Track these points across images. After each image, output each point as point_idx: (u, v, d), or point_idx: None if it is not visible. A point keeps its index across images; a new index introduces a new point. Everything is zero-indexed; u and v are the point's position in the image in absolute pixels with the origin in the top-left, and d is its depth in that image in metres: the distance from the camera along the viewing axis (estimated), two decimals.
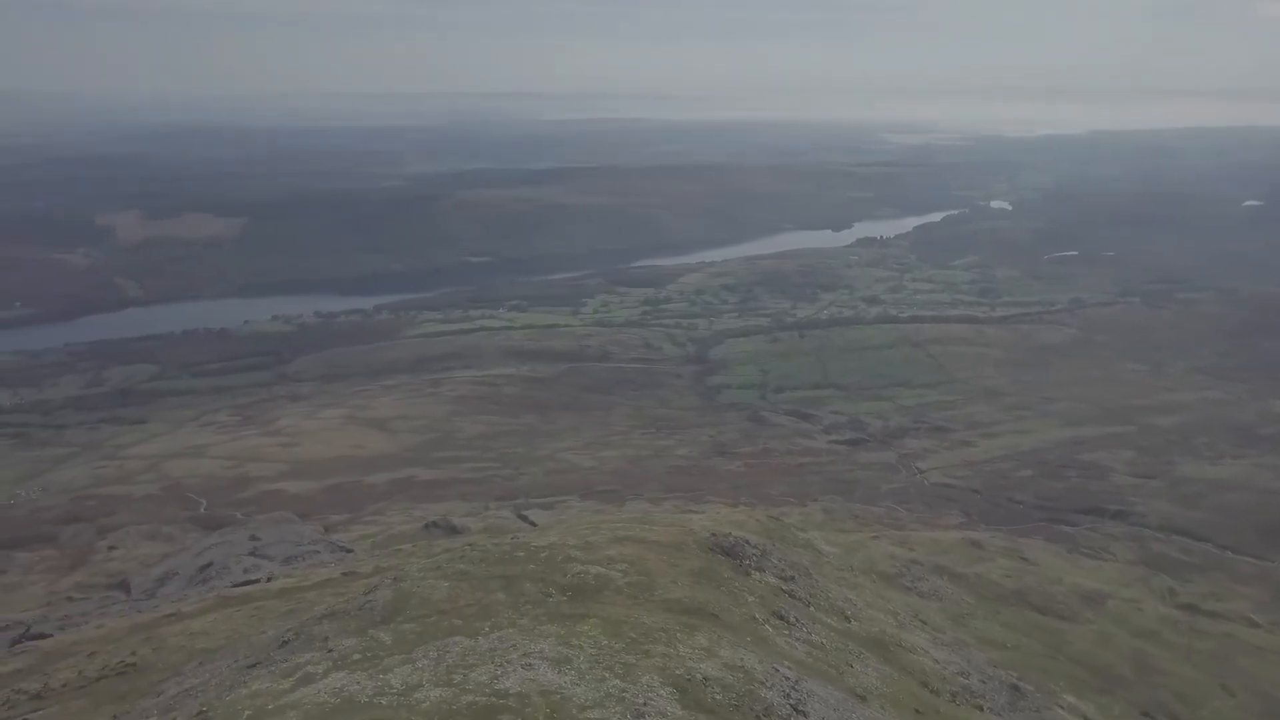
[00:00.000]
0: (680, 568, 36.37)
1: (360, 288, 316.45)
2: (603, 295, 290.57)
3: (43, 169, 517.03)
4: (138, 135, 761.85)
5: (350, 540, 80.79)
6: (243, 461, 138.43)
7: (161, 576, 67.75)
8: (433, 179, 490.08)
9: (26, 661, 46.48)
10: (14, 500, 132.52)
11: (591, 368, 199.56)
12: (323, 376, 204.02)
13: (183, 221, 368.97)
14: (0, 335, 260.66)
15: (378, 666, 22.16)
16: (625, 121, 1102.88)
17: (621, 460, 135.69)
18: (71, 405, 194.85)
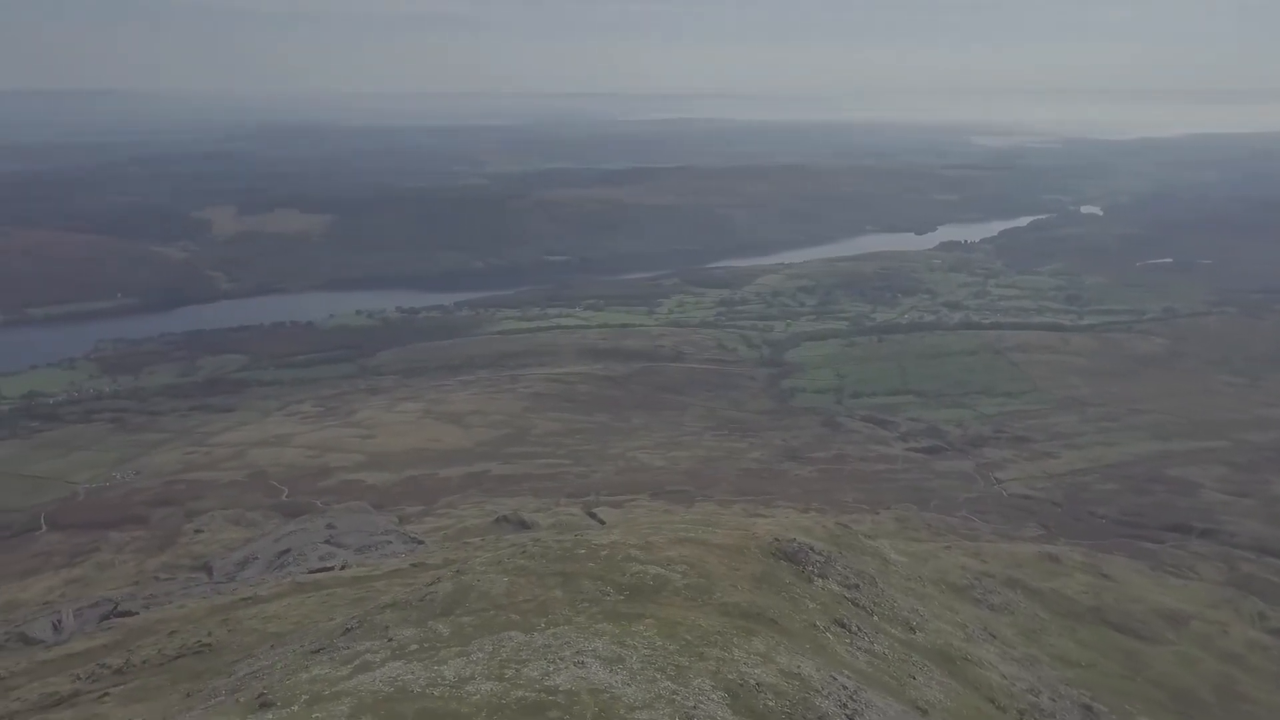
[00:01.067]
0: (740, 571, 36.17)
1: (441, 284, 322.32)
2: (678, 295, 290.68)
3: (146, 165, 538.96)
4: (235, 134, 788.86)
5: (422, 532, 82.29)
6: (323, 451, 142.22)
7: (242, 560, 69.97)
8: (513, 178, 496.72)
9: (113, 637, 48.57)
10: (110, 482, 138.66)
11: (665, 368, 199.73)
12: (403, 371, 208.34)
13: (273, 217, 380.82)
14: (103, 324, 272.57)
15: (434, 658, 22.57)
16: (706, 122, 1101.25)
17: (692, 461, 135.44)
18: (166, 393, 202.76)
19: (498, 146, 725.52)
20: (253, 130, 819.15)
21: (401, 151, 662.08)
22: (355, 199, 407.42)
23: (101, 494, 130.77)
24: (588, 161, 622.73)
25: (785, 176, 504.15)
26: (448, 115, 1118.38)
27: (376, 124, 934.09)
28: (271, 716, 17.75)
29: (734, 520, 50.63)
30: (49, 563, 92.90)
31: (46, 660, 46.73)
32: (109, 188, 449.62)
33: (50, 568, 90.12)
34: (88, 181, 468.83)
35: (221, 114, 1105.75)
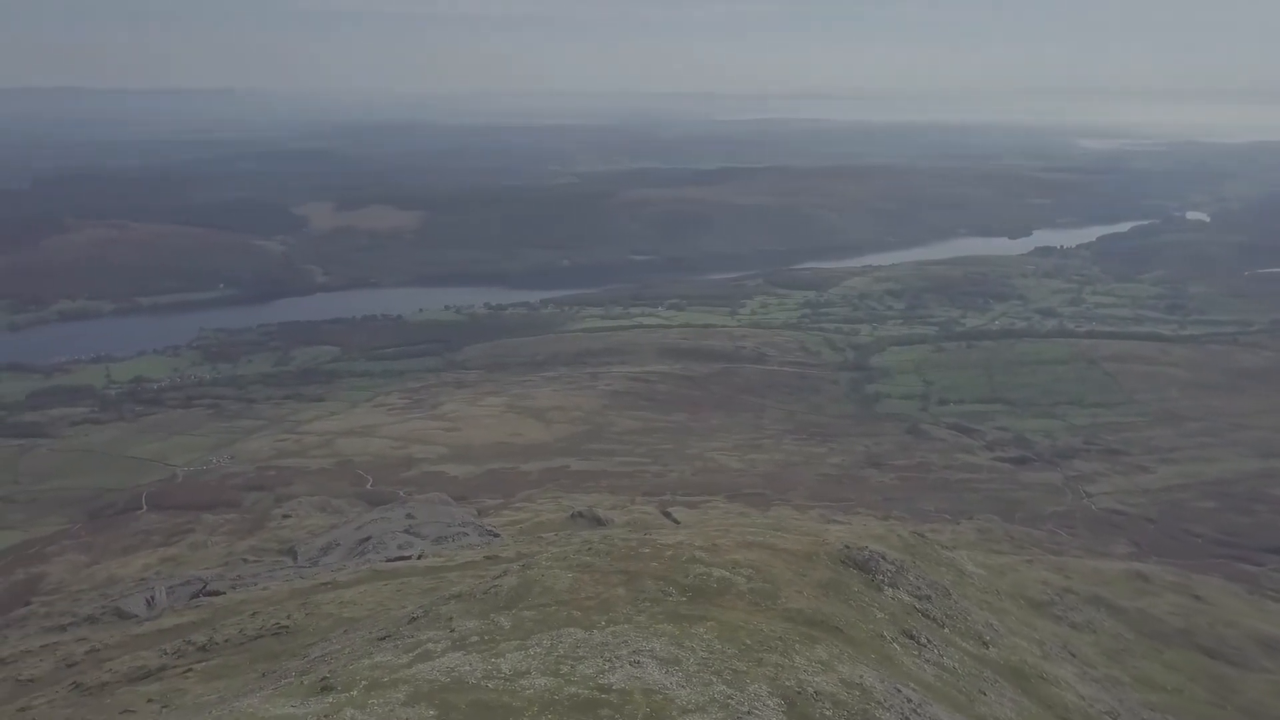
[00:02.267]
0: (807, 577, 35.78)
1: (528, 282, 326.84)
2: (762, 296, 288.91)
3: (252, 162, 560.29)
4: (334, 131, 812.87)
5: (499, 525, 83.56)
6: (408, 442, 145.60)
7: (325, 546, 72.02)
8: (602, 177, 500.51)
9: (200, 615, 50.61)
10: (207, 466, 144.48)
11: (746, 369, 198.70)
12: (487, 365, 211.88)
13: (368, 213, 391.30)
14: (206, 314, 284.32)
15: (492, 650, 22.92)
16: (800, 122, 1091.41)
17: (771, 464, 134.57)
18: (261, 381, 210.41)
19: (589, 146, 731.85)
20: (354, 128, 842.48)
21: (494, 150, 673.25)
22: (447, 196, 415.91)
23: (198, 477, 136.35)
24: (678, 161, 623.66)
25: (877, 177, 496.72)
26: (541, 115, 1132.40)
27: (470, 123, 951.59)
28: (330, 700, 18.28)
29: (806, 526, 50.11)
30: (148, 541, 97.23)
31: (139, 634, 48.96)
32: (218, 183, 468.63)
33: (148, 546, 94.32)
34: (199, 177, 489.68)
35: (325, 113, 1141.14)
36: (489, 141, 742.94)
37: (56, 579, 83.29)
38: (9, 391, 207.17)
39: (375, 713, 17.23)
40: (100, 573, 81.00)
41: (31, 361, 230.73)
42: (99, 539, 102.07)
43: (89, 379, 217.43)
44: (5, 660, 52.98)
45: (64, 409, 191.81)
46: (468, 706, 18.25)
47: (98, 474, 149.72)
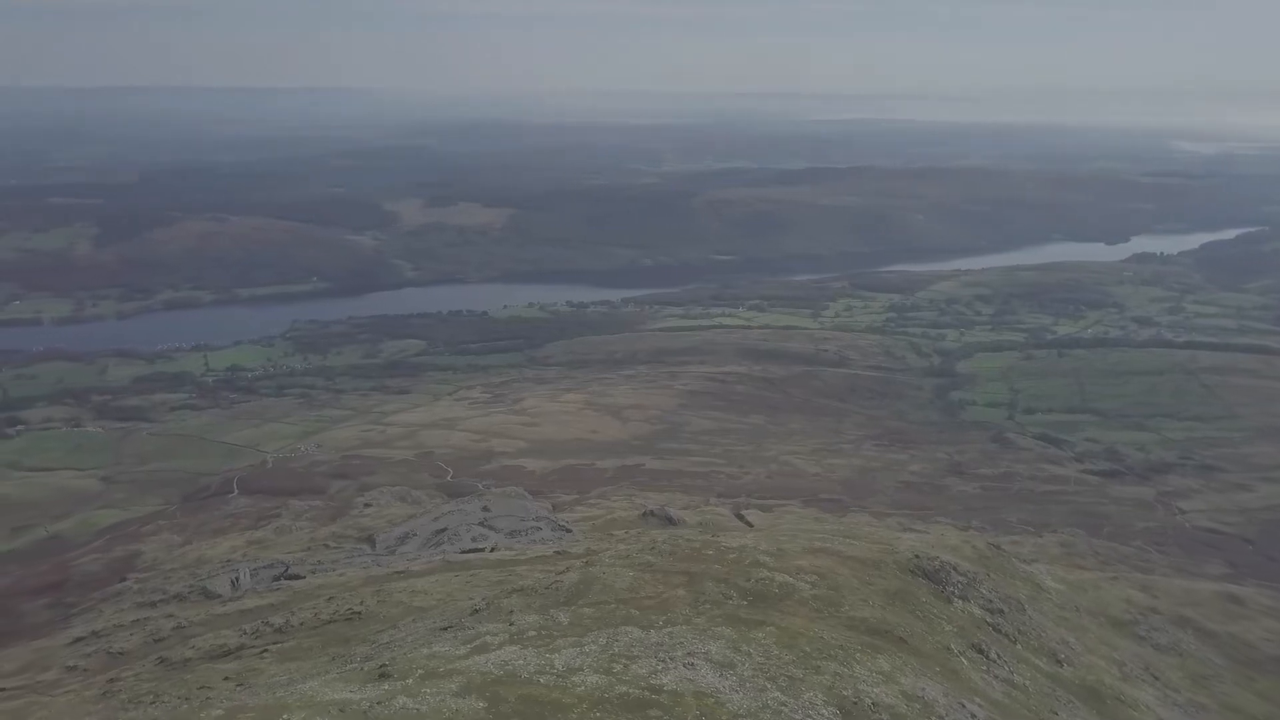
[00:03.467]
0: (873, 586, 35.26)
1: (611, 280, 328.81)
2: (846, 299, 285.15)
3: (347, 159, 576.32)
4: (427, 130, 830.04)
5: (572, 520, 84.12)
6: (488, 436, 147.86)
7: (402, 536, 73.57)
8: (688, 177, 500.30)
9: (279, 598, 52.30)
10: (295, 454, 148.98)
11: (826, 372, 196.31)
12: (567, 362, 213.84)
13: (457, 210, 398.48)
14: (299, 306, 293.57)
15: (548, 646, 23.16)
16: (890, 122, 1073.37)
17: (849, 470, 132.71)
18: (350, 373, 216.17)
19: (675, 145, 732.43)
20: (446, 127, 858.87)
21: (581, 148, 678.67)
22: (534, 194, 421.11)
23: (287, 464, 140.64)
24: (764, 161, 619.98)
25: (968, 179, 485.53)
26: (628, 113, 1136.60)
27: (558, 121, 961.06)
28: (387, 687, 18.72)
29: (877, 534, 49.34)
30: (237, 524, 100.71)
31: (221, 614, 50.84)
32: (314, 179, 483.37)
33: (237, 529, 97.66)
34: (296, 173, 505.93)
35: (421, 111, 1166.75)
36: (577, 140, 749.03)
37: (151, 557, 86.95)
38: (116, 377, 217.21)
39: (426, 702, 17.58)
40: (191, 553, 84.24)
41: (137, 348, 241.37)
42: (192, 520, 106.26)
43: (189, 366, 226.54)
44: (100, 633, 55.64)
45: (165, 394, 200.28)
46: (517, 700, 18.48)
47: (193, 458, 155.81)
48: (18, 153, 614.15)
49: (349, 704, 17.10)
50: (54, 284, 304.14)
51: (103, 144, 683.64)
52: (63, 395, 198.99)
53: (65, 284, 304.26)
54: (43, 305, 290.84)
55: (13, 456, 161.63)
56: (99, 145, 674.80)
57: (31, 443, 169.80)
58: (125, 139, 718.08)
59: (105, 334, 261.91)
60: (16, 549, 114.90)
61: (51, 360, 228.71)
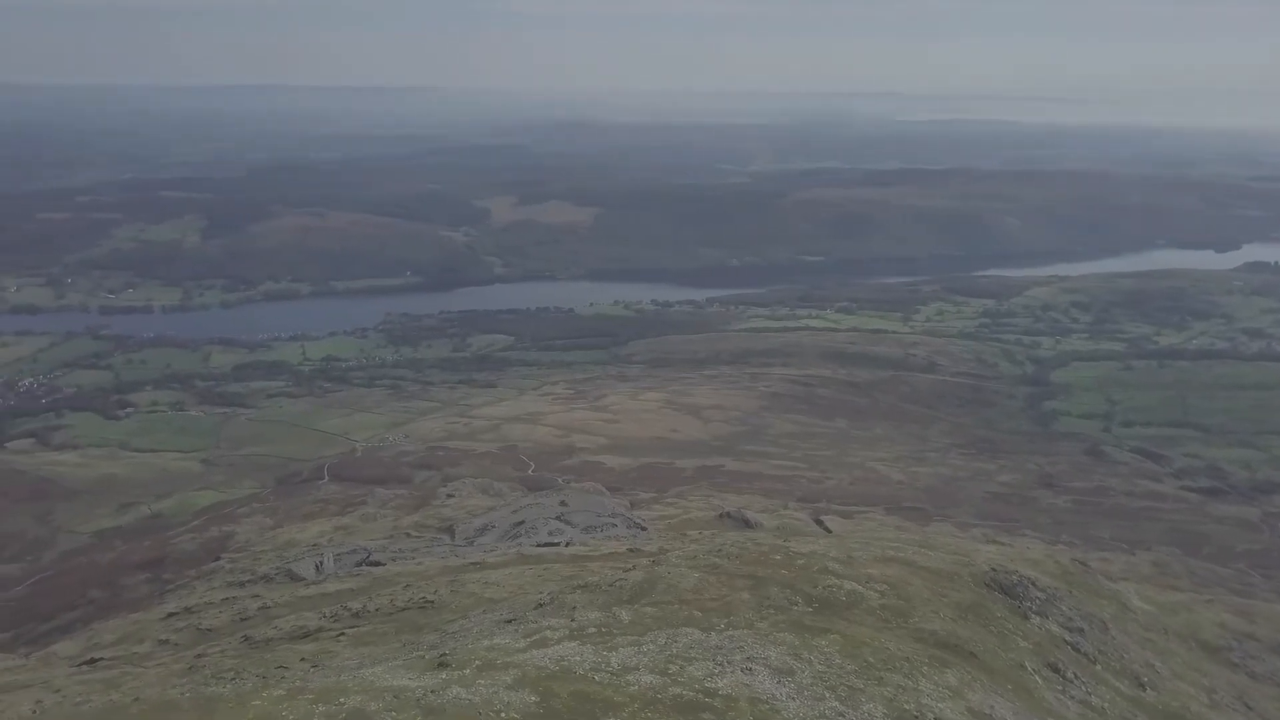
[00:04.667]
0: (946, 598, 34.45)
1: (696, 280, 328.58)
2: (938, 303, 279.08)
3: (441, 156, 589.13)
4: (520, 128, 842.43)
5: (648, 519, 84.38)
6: (570, 432, 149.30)
7: (481, 527, 74.88)
8: (777, 176, 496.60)
9: (359, 584, 53.75)
10: (383, 443, 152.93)
11: (914, 378, 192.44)
12: (650, 361, 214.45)
13: (547, 208, 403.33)
14: (392, 299, 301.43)
15: (607, 643, 23.27)
16: (987, 123, 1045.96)
17: (934, 478, 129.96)
18: (439, 365, 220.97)
19: (765, 145, 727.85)
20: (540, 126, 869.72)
21: (670, 148, 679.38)
22: (622, 193, 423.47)
23: (375, 453, 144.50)
24: (855, 161, 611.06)
25: (1068, 183, 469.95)
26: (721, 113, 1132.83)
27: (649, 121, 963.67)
28: (444, 676, 19.09)
29: (954, 544, 48.23)
30: (325, 510, 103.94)
31: (304, 596, 52.50)
32: (410, 176, 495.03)
33: (326, 514, 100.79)
34: (393, 169, 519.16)
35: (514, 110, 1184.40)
36: (668, 139, 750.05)
37: (243, 538, 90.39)
38: (218, 364, 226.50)
39: (479, 693, 17.86)
40: (281, 536, 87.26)
41: (238, 337, 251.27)
42: (283, 504, 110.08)
43: (286, 356, 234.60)
44: (191, 609, 58.05)
45: (263, 382, 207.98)
46: (569, 696, 18.64)
47: (288, 444, 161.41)
48: (139, 148, 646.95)
49: (404, 691, 17.49)
50: (165, 273, 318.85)
51: (215, 140, 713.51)
52: (169, 380, 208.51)
53: (175, 274, 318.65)
54: (154, 293, 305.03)
55: (123, 437, 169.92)
56: (212, 142, 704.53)
57: (140, 425, 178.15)
58: (236, 136, 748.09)
59: (210, 322, 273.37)
60: (122, 525, 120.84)
61: (160, 346, 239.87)
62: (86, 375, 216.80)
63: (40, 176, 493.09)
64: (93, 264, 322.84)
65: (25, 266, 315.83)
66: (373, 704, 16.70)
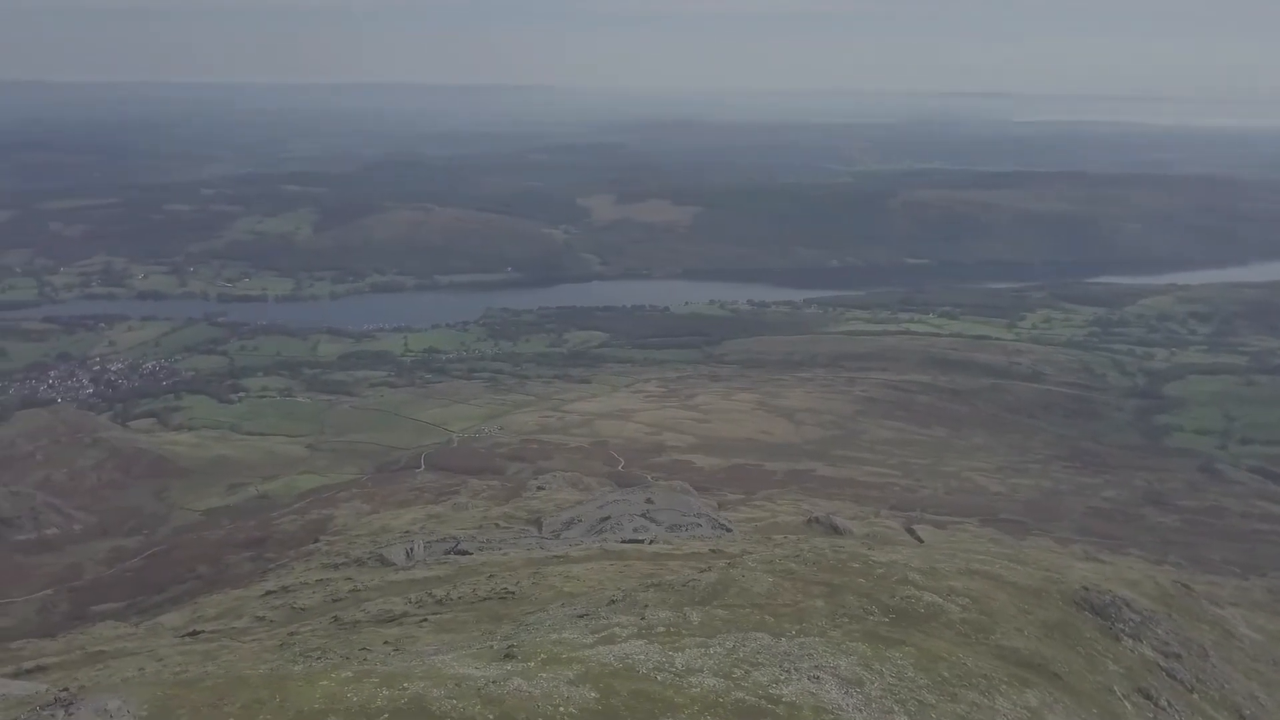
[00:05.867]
0: (1031, 615, 33.37)
1: (794, 280, 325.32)
2: (1045, 310, 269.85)
3: (545, 154, 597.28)
4: (621, 127, 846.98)
5: (735, 520, 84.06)
6: (660, 430, 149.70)
7: (568, 521, 75.78)
8: (881, 177, 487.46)
9: (445, 571, 55.02)
10: (478, 435, 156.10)
11: (1018, 386, 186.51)
12: (743, 361, 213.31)
13: (646, 206, 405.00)
14: (493, 294, 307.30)
15: (674, 644, 23.28)
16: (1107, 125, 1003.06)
17: (1034, 491, 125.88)
18: (535, 360, 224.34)
19: (871, 145, 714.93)
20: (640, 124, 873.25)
21: (775, 147, 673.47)
22: (721, 192, 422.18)
23: (470, 444, 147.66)
24: (964, 163, 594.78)
25: (1191, 188, 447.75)
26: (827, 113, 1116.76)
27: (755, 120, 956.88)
28: (509, 668, 19.39)
29: (1047, 560, 46.69)
30: (420, 497, 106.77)
31: (393, 581, 54.04)
32: (513, 173, 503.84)
33: (420, 502, 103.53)
34: (498, 166, 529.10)
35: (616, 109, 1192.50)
36: (772, 139, 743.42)
37: (341, 522, 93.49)
38: (325, 353, 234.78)
39: (540, 686, 18.08)
40: (376, 521, 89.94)
41: (345, 327, 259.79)
42: (381, 491, 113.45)
43: (390, 346, 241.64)
44: (288, 588, 60.40)
45: (367, 371, 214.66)
46: (629, 694, 18.71)
47: (388, 432, 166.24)
48: (261, 143, 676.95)
49: (466, 680, 17.84)
50: (279, 264, 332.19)
51: (331, 136, 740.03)
52: (279, 367, 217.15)
53: (288, 264, 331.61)
54: (268, 283, 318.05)
55: (234, 420, 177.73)
56: (328, 137, 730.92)
57: (250, 409, 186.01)
58: (352, 132, 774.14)
59: (319, 312, 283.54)
60: (231, 504, 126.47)
61: (272, 334, 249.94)
62: (204, 360, 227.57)
63: (169, 170, 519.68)
64: (213, 254, 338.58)
65: (152, 255, 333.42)
66: (435, 690, 17.09)
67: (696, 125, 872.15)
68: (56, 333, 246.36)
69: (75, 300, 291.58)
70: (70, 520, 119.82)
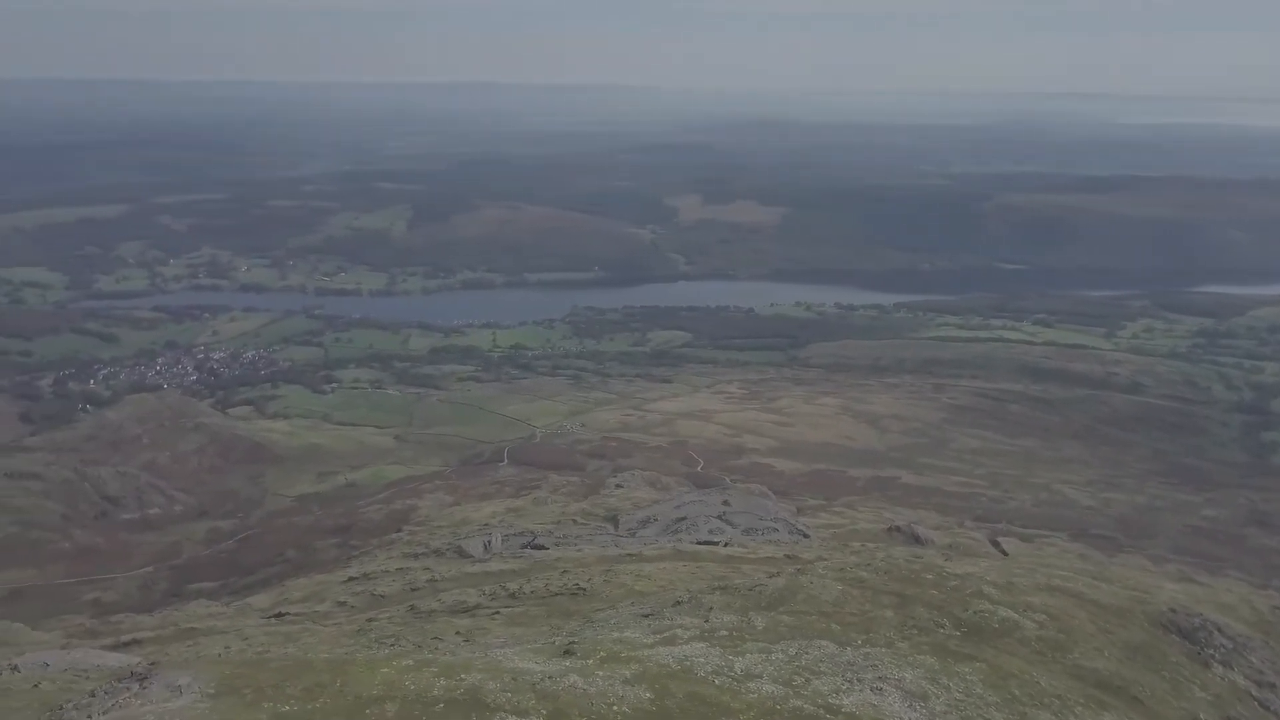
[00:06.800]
0: (1113, 636, 32.23)
1: (883, 283, 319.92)
2: (1146, 319, 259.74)
3: (635, 154, 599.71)
4: (710, 127, 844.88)
5: (813, 526, 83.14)
6: (741, 432, 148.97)
7: (644, 520, 75.97)
8: (976, 180, 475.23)
9: (520, 565, 55.80)
10: (560, 431, 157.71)
11: (1114, 398, 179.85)
12: (828, 365, 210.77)
13: (734, 207, 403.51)
14: (579, 292, 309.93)
15: (735, 648, 23.20)
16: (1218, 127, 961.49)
17: (1129, 507, 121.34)
18: (618, 359, 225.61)
19: (967, 146, 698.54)
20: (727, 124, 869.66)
21: (867, 148, 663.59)
22: (810, 193, 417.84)
23: (552, 440, 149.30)
24: (1064, 166, 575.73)
25: None
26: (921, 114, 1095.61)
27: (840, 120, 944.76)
28: (567, 664, 19.61)
29: (1133, 578, 44.95)
30: (501, 491, 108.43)
31: (469, 573, 55.04)
32: (601, 172, 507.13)
33: (501, 495, 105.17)
34: (586, 166, 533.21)
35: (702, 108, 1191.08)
36: (861, 139, 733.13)
37: (424, 513, 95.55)
38: (415, 346, 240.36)
39: (595, 684, 18.24)
40: (458, 513, 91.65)
41: (435, 322, 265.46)
42: (463, 483, 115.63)
43: (477, 342, 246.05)
44: (369, 576, 62.06)
45: (455, 366, 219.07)
46: (684, 697, 18.73)
47: (473, 426, 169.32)
48: (360, 141, 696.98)
49: (523, 674, 18.10)
50: (373, 259, 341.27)
51: (426, 135, 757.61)
52: (371, 359, 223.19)
53: (382, 260, 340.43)
54: (363, 278, 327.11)
55: (327, 410, 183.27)
56: (423, 136, 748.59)
57: (342, 399, 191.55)
58: (447, 131, 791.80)
59: (411, 307, 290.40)
60: (320, 492, 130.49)
61: (365, 327, 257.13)
62: (300, 351, 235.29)
63: (272, 167, 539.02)
64: (311, 248, 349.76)
65: (255, 249, 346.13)
66: (491, 683, 17.39)
67: (784, 125, 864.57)
68: (165, 321, 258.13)
69: (183, 291, 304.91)
70: (172, 501, 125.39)
